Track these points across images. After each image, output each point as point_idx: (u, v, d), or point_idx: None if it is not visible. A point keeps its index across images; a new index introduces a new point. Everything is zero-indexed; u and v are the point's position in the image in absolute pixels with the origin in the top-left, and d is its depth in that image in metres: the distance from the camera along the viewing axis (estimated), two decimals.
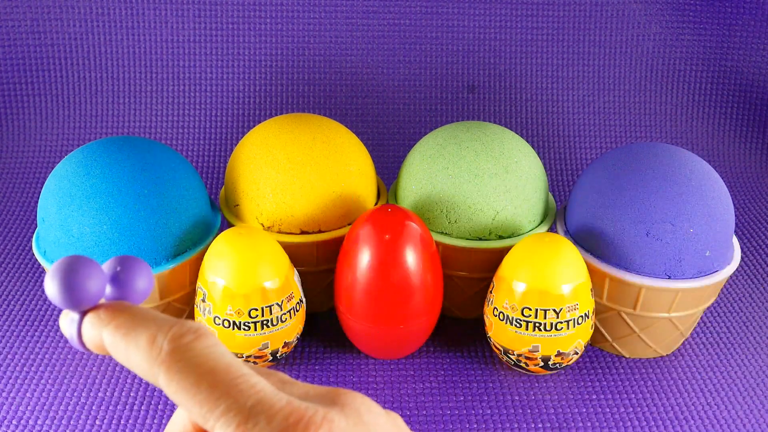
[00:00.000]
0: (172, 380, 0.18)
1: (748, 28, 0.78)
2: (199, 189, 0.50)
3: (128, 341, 0.19)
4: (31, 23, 0.74)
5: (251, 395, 0.17)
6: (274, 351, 0.47)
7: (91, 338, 0.20)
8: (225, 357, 0.18)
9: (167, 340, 0.19)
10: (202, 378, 0.18)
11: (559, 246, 0.45)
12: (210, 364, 0.18)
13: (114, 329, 0.19)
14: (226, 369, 0.18)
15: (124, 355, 0.19)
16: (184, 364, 0.18)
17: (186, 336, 0.19)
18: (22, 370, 0.49)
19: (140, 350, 0.19)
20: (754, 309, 0.58)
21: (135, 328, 0.19)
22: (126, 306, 0.20)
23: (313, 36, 0.76)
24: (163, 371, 0.18)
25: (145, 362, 0.19)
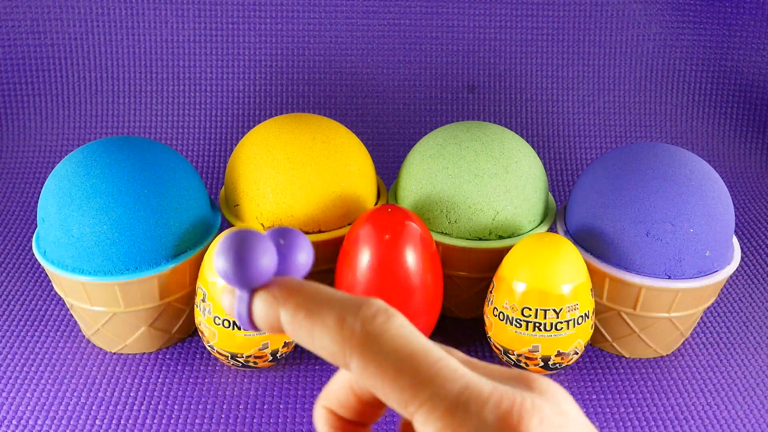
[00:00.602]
0: (369, 364, 0.17)
1: (748, 28, 0.78)
2: (199, 189, 0.50)
3: (313, 322, 0.18)
4: (31, 23, 0.74)
5: (455, 380, 0.16)
6: (274, 351, 0.48)
7: (264, 317, 0.19)
8: (419, 338, 0.18)
9: (360, 322, 0.18)
10: (402, 363, 0.17)
11: (559, 246, 0.45)
12: (408, 348, 0.17)
13: (294, 309, 0.18)
14: (424, 353, 0.17)
15: (307, 336, 0.18)
16: (380, 348, 0.17)
17: (378, 317, 0.18)
18: (22, 370, 0.49)
19: (329, 331, 0.18)
20: (754, 309, 0.58)
21: (318, 308, 0.18)
22: (299, 283, 0.19)
23: (313, 36, 0.76)
24: (357, 354, 0.17)
25: (335, 344, 0.18)
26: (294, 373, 0.50)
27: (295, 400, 0.48)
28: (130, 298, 0.47)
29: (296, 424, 0.46)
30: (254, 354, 0.47)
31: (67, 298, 0.49)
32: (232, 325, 0.45)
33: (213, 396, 0.48)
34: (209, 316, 0.46)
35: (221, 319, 0.45)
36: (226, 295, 0.20)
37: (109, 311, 0.48)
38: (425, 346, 0.17)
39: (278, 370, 0.50)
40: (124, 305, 0.47)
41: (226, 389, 0.48)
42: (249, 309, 0.19)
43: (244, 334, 0.46)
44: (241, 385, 0.49)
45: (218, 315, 0.45)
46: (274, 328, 0.19)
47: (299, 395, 0.48)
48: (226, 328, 0.46)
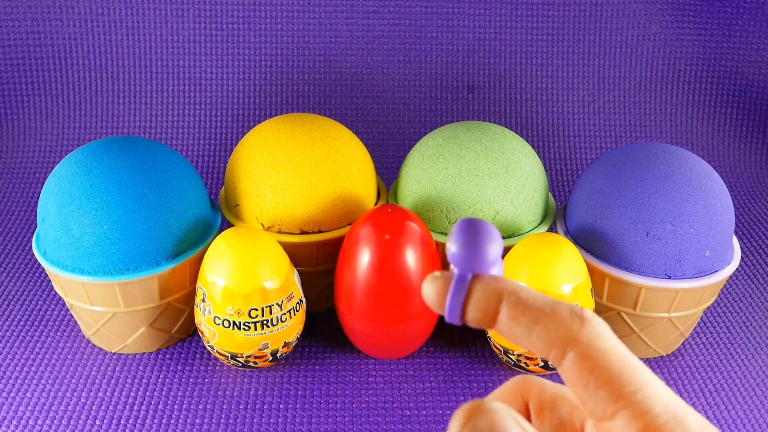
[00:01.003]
0: (588, 359, 0.18)
1: (748, 28, 0.78)
2: (199, 189, 0.50)
3: (540, 312, 0.18)
4: (31, 23, 0.74)
5: (668, 395, 0.17)
6: (274, 351, 0.48)
7: (485, 303, 0.19)
8: (632, 356, 0.18)
9: (590, 319, 0.18)
10: (621, 361, 0.17)
11: (559, 246, 0.45)
12: (626, 352, 0.18)
13: (520, 298, 0.19)
14: (637, 360, 0.18)
15: (529, 324, 0.18)
16: (604, 344, 0.18)
17: (602, 323, 0.18)
18: (22, 370, 0.49)
19: (556, 323, 0.18)
20: (754, 309, 0.58)
21: (543, 300, 0.19)
22: (510, 281, 0.20)
23: (313, 36, 0.76)
24: (583, 344, 0.18)
25: (559, 334, 0.18)
26: (294, 373, 0.50)
27: (295, 400, 0.48)
28: (130, 298, 0.47)
29: (296, 424, 0.46)
30: (254, 354, 0.47)
31: (67, 298, 0.49)
32: (232, 325, 0.45)
33: (213, 396, 0.48)
34: (209, 316, 0.46)
35: (221, 319, 0.45)
36: (435, 281, 0.20)
37: (109, 311, 0.48)
38: (637, 364, 0.18)
39: (278, 370, 0.50)
40: (124, 305, 0.47)
41: (226, 389, 0.48)
42: (467, 294, 0.19)
43: (244, 335, 0.46)
44: (241, 385, 0.49)
45: (218, 315, 0.45)
46: (486, 317, 0.19)
47: (299, 395, 0.48)
48: (226, 329, 0.46)
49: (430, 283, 0.20)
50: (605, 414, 0.17)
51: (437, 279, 0.20)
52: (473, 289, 0.19)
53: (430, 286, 0.20)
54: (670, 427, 0.17)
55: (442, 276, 0.20)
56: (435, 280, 0.20)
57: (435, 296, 0.20)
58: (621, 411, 0.17)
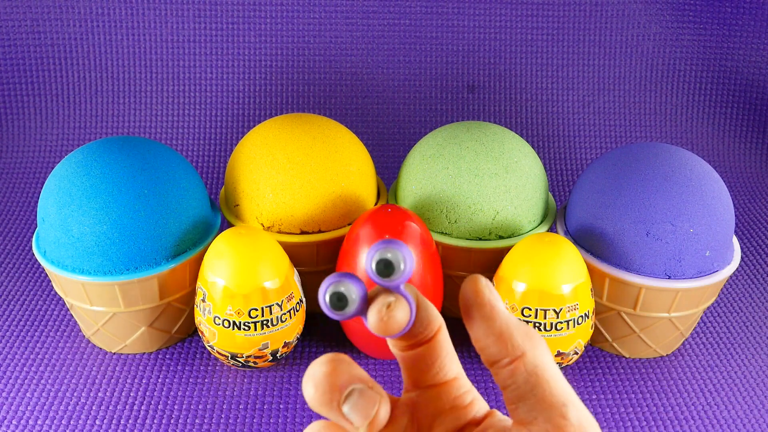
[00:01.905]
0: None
1: (748, 28, 0.78)
2: (199, 189, 0.50)
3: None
4: (31, 23, 0.74)
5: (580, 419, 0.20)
6: (274, 351, 0.47)
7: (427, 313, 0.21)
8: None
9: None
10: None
11: (559, 246, 0.45)
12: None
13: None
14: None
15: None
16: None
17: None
18: (22, 370, 0.49)
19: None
20: (754, 309, 0.58)
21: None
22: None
23: (313, 36, 0.76)
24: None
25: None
26: (294, 373, 0.50)
27: (295, 400, 0.48)
28: (130, 298, 0.47)
29: (296, 424, 0.46)
30: (254, 354, 0.47)
31: (67, 298, 0.49)
32: (232, 325, 0.45)
33: (213, 396, 0.48)
34: (209, 316, 0.46)
35: (221, 319, 0.45)
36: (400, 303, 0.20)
37: (109, 311, 0.48)
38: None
39: (278, 370, 0.50)
40: (124, 305, 0.47)
41: (226, 389, 0.48)
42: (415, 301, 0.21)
43: (244, 335, 0.46)
44: (241, 385, 0.49)
45: (218, 315, 0.45)
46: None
47: (299, 395, 0.48)
48: (226, 329, 0.46)
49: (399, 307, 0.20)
50: (528, 419, 0.20)
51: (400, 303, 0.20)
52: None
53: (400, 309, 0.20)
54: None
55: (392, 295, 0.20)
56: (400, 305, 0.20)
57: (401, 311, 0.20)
58: (563, 412, 0.20)
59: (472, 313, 0.20)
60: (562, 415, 0.20)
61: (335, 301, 0.19)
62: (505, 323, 0.20)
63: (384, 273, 0.19)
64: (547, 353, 0.21)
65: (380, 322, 0.19)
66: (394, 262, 0.19)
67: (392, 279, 0.19)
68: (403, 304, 0.20)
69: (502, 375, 0.20)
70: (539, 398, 0.20)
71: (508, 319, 0.20)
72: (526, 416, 0.20)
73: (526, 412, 0.20)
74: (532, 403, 0.20)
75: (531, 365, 0.20)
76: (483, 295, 0.20)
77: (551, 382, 0.20)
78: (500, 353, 0.20)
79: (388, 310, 0.19)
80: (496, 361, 0.20)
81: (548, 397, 0.20)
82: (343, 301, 0.19)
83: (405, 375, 0.23)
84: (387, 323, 0.19)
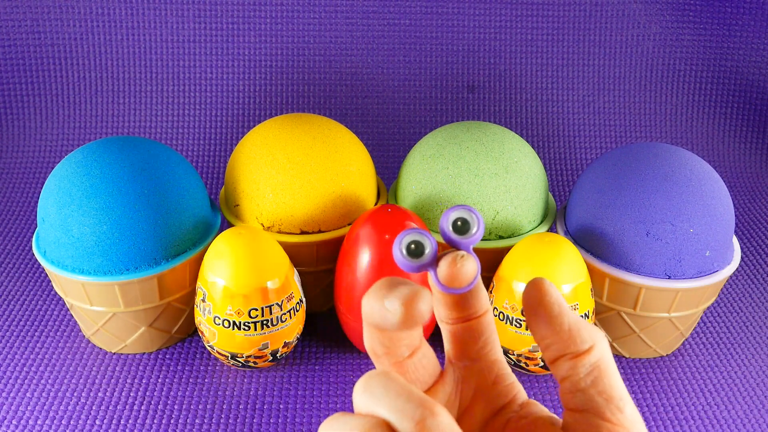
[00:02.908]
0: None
1: (748, 28, 0.78)
2: (199, 189, 0.50)
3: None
4: (31, 23, 0.74)
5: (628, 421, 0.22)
6: (274, 351, 0.48)
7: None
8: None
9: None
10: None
11: (559, 246, 0.45)
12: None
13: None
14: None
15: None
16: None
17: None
18: (22, 370, 0.49)
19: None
20: (754, 309, 0.58)
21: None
22: None
23: (313, 36, 0.76)
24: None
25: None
26: (294, 373, 0.50)
27: (295, 400, 0.48)
28: (130, 298, 0.47)
29: (296, 424, 0.46)
30: (254, 354, 0.47)
31: (67, 298, 0.49)
32: (232, 325, 0.45)
33: (213, 396, 0.48)
34: (209, 316, 0.46)
35: (221, 319, 0.45)
36: (472, 260, 0.22)
37: (109, 311, 0.48)
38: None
39: (278, 370, 0.50)
40: (124, 305, 0.47)
41: (226, 389, 0.48)
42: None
43: (244, 335, 0.46)
44: (241, 385, 0.49)
45: (218, 315, 0.45)
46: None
47: (299, 395, 0.48)
48: (226, 329, 0.46)
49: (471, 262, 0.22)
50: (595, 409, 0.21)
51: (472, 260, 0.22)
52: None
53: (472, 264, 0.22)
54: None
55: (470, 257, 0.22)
56: (471, 260, 0.22)
57: (471, 269, 0.22)
58: (621, 409, 0.21)
59: (540, 313, 0.21)
60: (619, 408, 0.21)
61: (413, 248, 0.20)
62: (574, 321, 0.21)
63: (461, 230, 0.21)
64: (608, 350, 0.21)
65: (452, 270, 0.21)
66: (470, 220, 0.21)
67: (467, 236, 0.21)
68: (472, 259, 0.21)
69: (564, 367, 0.21)
70: (599, 390, 0.21)
71: (576, 317, 0.22)
72: (581, 404, 0.21)
73: (582, 401, 0.21)
74: (590, 394, 0.21)
75: (596, 358, 0.21)
76: (551, 295, 0.22)
77: (612, 377, 0.21)
78: (567, 348, 0.21)
79: (462, 259, 0.21)
80: (561, 356, 0.21)
81: (608, 389, 0.21)
82: (420, 249, 0.20)
83: (451, 347, 0.24)
84: (459, 271, 0.21)
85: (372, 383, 0.19)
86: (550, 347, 0.22)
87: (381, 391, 0.19)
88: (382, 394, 0.19)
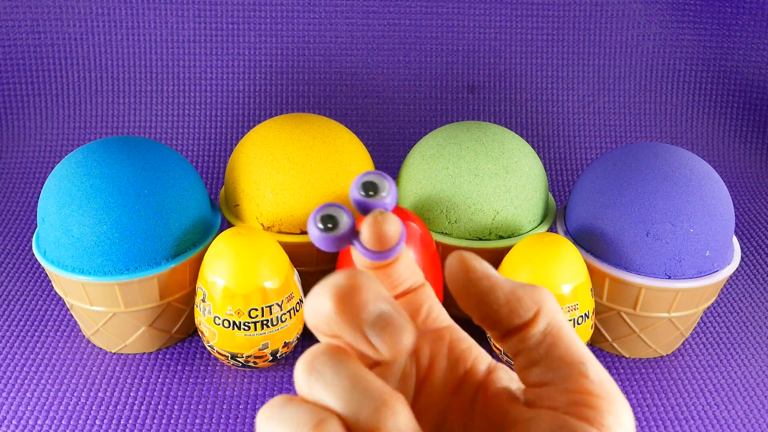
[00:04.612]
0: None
1: (748, 28, 0.78)
2: (199, 189, 0.50)
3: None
4: (31, 23, 0.74)
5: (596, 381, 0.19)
6: (274, 351, 0.48)
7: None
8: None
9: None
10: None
11: (559, 246, 0.45)
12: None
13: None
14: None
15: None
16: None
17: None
18: (22, 370, 0.49)
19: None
20: (754, 309, 0.58)
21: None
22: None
23: (313, 36, 0.76)
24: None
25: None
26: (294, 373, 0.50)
27: None
28: (130, 298, 0.47)
29: None
30: (254, 354, 0.47)
31: (67, 298, 0.49)
32: (232, 325, 0.45)
33: (213, 396, 0.48)
34: (209, 316, 0.46)
35: (221, 319, 0.45)
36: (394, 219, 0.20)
37: (109, 311, 0.48)
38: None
39: (278, 370, 0.50)
40: (124, 305, 0.47)
41: (226, 389, 0.48)
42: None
43: (244, 335, 0.46)
44: (241, 385, 0.49)
45: (218, 315, 0.45)
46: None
47: None
48: (226, 329, 0.46)
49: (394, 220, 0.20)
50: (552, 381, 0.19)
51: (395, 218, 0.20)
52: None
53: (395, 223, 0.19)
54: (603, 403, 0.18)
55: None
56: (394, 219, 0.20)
57: (396, 229, 0.20)
58: (583, 373, 0.18)
59: (470, 291, 0.19)
60: (581, 373, 0.18)
61: (326, 221, 0.19)
62: (509, 289, 0.19)
63: (370, 195, 0.19)
64: (558, 309, 0.19)
65: (375, 228, 0.19)
66: (379, 183, 0.19)
67: (378, 198, 0.19)
68: (393, 217, 0.19)
69: (514, 342, 0.19)
70: (555, 357, 0.18)
71: (510, 284, 0.19)
72: (540, 378, 0.19)
73: (540, 375, 0.19)
74: (547, 364, 0.18)
75: (544, 324, 0.19)
76: (475, 270, 0.19)
77: (566, 340, 0.19)
78: (512, 322, 0.19)
79: (381, 215, 0.19)
80: (509, 332, 0.19)
81: (564, 355, 0.18)
82: (333, 221, 0.19)
83: None
84: (381, 227, 0.19)
85: (319, 365, 0.17)
86: (496, 325, 0.19)
87: (331, 377, 0.16)
88: (332, 380, 0.16)
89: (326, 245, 0.19)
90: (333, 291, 0.17)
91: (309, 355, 0.17)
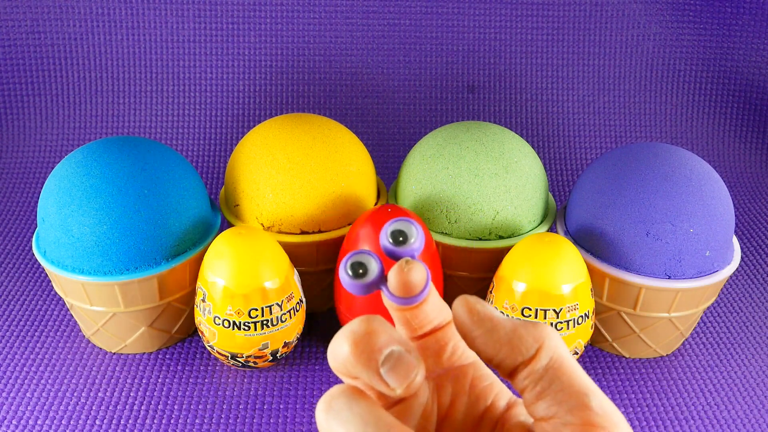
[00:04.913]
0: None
1: (748, 28, 0.78)
2: (199, 189, 0.50)
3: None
4: (31, 23, 0.74)
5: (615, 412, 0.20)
6: (274, 351, 0.48)
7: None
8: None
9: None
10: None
11: (559, 246, 0.45)
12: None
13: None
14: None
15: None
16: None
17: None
18: (22, 370, 0.49)
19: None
20: (754, 309, 0.58)
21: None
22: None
23: (313, 36, 0.76)
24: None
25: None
26: (294, 373, 0.50)
27: (295, 400, 0.48)
28: (130, 298, 0.47)
29: (296, 424, 0.46)
30: (254, 354, 0.47)
31: (67, 298, 0.49)
32: (232, 325, 0.45)
33: (213, 396, 0.48)
34: (209, 316, 0.46)
35: (221, 319, 0.45)
36: (420, 266, 0.21)
37: (109, 311, 0.48)
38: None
39: (278, 370, 0.50)
40: (124, 305, 0.47)
41: (226, 389, 0.48)
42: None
43: (244, 335, 0.46)
44: (241, 385, 0.49)
45: (218, 315, 0.45)
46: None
47: (299, 395, 0.48)
48: (226, 329, 0.46)
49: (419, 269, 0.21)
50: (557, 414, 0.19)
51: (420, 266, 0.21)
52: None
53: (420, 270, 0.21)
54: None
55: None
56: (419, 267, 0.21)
57: (420, 275, 0.21)
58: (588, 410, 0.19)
59: (475, 333, 0.20)
60: (585, 404, 0.19)
61: (356, 269, 0.21)
62: (510, 329, 0.20)
63: (399, 242, 0.21)
64: (561, 344, 0.20)
65: (401, 277, 0.21)
66: (408, 231, 0.21)
67: (407, 246, 0.21)
68: (419, 265, 0.21)
69: (520, 378, 0.20)
70: (558, 390, 0.19)
71: (512, 324, 0.20)
72: (546, 412, 0.19)
73: (546, 409, 0.19)
74: (551, 398, 0.19)
75: (546, 359, 0.20)
76: (478, 311, 0.20)
77: (569, 373, 0.19)
78: (516, 359, 0.20)
79: (408, 264, 0.21)
80: (514, 370, 0.20)
81: (567, 387, 0.19)
82: (363, 268, 0.21)
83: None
84: (408, 276, 0.21)
85: (336, 404, 0.19)
86: (501, 364, 0.20)
87: (346, 414, 0.18)
88: (347, 417, 0.18)
89: (356, 291, 0.21)
90: (350, 336, 0.19)
91: (328, 396, 0.19)
